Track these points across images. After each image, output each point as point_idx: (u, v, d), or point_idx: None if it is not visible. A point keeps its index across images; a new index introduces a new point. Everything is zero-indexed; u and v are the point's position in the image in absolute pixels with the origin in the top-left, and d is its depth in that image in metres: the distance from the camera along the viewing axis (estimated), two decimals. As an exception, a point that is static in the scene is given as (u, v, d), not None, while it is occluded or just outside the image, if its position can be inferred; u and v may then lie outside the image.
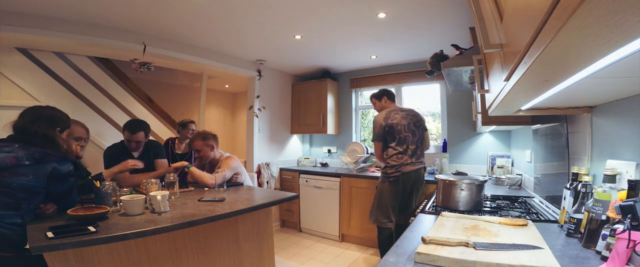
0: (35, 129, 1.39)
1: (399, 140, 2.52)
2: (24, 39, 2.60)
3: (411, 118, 2.61)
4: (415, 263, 0.88)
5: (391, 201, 2.51)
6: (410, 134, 2.54)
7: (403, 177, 2.48)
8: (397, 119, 2.56)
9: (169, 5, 2.22)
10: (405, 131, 2.53)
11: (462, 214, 1.39)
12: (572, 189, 1.16)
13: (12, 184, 1.26)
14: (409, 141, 2.53)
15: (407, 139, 2.52)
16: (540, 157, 1.96)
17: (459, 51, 1.95)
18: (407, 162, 2.49)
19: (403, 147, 2.51)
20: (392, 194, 2.50)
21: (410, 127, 2.56)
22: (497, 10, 0.78)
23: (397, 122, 2.54)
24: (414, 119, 2.62)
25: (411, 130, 2.56)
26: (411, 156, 2.52)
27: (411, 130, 2.56)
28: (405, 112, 2.62)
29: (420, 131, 2.63)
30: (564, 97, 1.00)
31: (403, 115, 2.58)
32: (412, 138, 2.55)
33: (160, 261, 1.53)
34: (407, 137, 2.53)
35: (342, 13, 2.38)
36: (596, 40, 0.42)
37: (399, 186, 2.49)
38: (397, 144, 2.53)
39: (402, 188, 2.50)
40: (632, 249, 0.71)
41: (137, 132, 2.17)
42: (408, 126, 2.55)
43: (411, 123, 2.58)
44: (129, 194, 1.67)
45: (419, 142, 2.60)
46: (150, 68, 2.93)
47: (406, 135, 2.53)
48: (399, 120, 2.55)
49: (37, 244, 1.07)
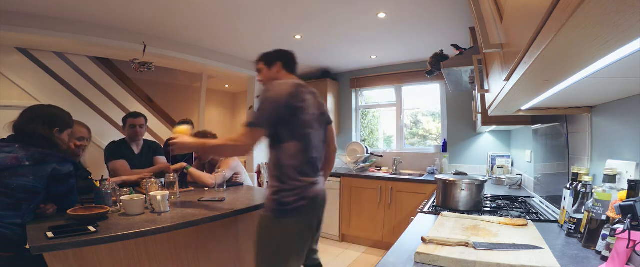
0: (31, 129, 1.39)
1: (305, 138, 1.39)
2: (24, 39, 2.60)
3: (319, 105, 1.53)
4: (415, 263, 0.88)
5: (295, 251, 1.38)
6: (318, 132, 1.49)
7: (311, 206, 1.39)
8: (308, 101, 1.43)
9: (169, 5, 2.22)
10: (315, 123, 1.46)
11: (462, 214, 1.39)
12: (572, 189, 1.16)
13: (12, 184, 1.26)
14: (316, 142, 1.46)
15: (313, 137, 1.43)
16: (540, 157, 1.96)
17: (459, 51, 1.95)
18: (314, 180, 1.42)
19: (310, 151, 1.41)
20: (295, 239, 1.37)
21: (318, 120, 1.50)
22: (497, 10, 0.78)
23: (305, 107, 1.39)
24: (321, 108, 1.55)
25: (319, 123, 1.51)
26: (317, 169, 1.47)
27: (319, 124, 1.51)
28: (313, 96, 1.51)
29: (325, 127, 1.59)
30: (564, 97, 1.00)
31: (312, 99, 1.49)
32: (320, 137, 1.51)
33: (160, 261, 1.53)
34: (315, 135, 1.45)
35: (342, 13, 2.38)
36: (596, 40, 0.42)
37: (305, 223, 1.39)
38: (301, 145, 1.38)
39: (310, 224, 1.42)
40: (632, 249, 0.71)
41: (139, 117, 2.32)
42: (316, 119, 1.48)
43: (318, 113, 1.51)
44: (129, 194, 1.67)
45: (323, 145, 1.56)
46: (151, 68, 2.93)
47: (314, 132, 1.44)
48: (310, 104, 1.44)
49: (37, 244, 1.07)
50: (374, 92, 4.30)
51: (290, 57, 1.57)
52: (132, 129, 2.28)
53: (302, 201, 1.35)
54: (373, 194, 3.31)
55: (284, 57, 1.56)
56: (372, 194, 3.32)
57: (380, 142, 4.28)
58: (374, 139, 4.33)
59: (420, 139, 4.02)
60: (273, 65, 1.54)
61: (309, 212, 1.39)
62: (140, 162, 2.27)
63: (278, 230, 1.35)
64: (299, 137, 1.38)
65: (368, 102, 4.34)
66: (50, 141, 1.41)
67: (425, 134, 4.00)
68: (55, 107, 1.54)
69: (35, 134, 1.38)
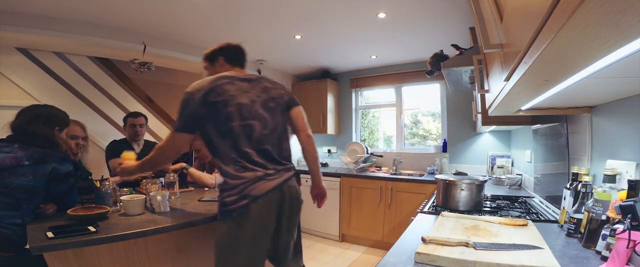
0: (33, 129, 1.39)
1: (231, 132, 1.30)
2: (24, 39, 2.60)
3: (260, 94, 1.40)
4: (415, 263, 0.88)
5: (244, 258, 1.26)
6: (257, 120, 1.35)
7: (256, 208, 1.25)
8: (227, 93, 1.31)
9: (169, 5, 2.22)
10: (241, 118, 1.31)
11: (462, 214, 1.39)
12: (572, 189, 1.16)
13: (12, 184, 1.26)
14: (251, 132, 1.32)
15: (253, 128, 1.33)
16: (540, 157, 1.96)
17: (459, 51, 1.95)
18: (261, 174, 1.29)
19: (243, 144, 1.30)
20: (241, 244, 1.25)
21: (257, 109, 1.36)
22: (497, 10, 0.78)
23: (224, 100, 1.30)
24: (267, 93, 1.42)
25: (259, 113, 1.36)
26: (269, 161, 1.34)
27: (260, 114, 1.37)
28: (248, 83, 1.40)
29: (283, 116, 1.46)
30: (564, 97, 1.00)
31: (242, 88, 1.36)
32: (268, 126, 1.37)
33: (160, 261, 1.53)
34: (255, 125, 1.33)
35: (342, 13, 2.38)
36: (596, 40, 0.42)
37: (251, 227, 1.25)
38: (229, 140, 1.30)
39: (255, 229, 1.26)
40: (632, 249, 0.71)
41: (139, 116, 2.36)
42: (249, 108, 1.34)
43: (260, 101, 1.38)
44: (129, 194, 1.67)
45: (281, 135, 1.43)
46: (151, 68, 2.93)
47: (252, 122, 1.33)
48: (230, 96, 1.31)
49: (37, 244, 1.07)
50: (374, 92, 4.30)
51: (232, 50, 1.51)
52: (133, 129, 2.30)
53: (243, 200, 1.24)
54: (373, 194, 3.31)
55: (225, 50, 1.50)
56: (372, 194, 3.32)
57: (380, 142, 4.28)
58: (374, 139, 4.33)
59: (420, 139, 4.02)
60: (216, 61, 1.50)
61: (260, 212, 1.25)
62: None
63: (223, 234, 1.27)
64: (224, 133, 1.31)
65: (368, 102, 4.34)
66: (52, 140, 1.42)
67: (425, 134, 4.00)
68: (52, 107, 1.54)
69: (37, 134, 1.39)
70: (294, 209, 1.41)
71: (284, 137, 1.46)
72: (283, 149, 1.43)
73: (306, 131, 1.50)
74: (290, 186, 1.38)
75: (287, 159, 1.45)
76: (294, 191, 1.41)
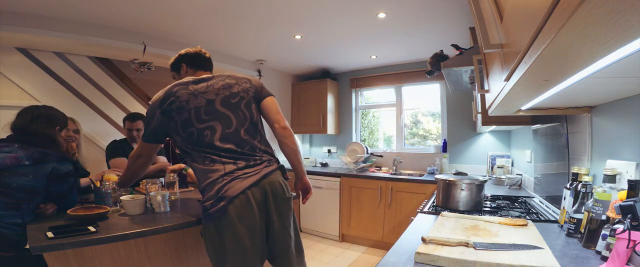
0: (34, 129, 1.40)
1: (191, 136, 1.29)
2: (24, 39, 2.60)
3: (219, 92, 1.36)
4: (415, 263, 0.88)
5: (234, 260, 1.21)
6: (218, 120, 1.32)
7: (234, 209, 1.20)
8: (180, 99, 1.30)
9: (169, 5, 2.22)
10: (208, 114, 1.31)
11: (462, 214, 1.39)
12: (572, 189, 1.16)
13: (12, 184, 1.26)
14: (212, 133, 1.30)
15: (215, 129, 1.30)
16: (540, 157, 1.96)
17: (459, 51, 1.95)
18: (233, 172, 1.25)
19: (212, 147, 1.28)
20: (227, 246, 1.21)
21: (217, 107, 1.33)
22: (497, 10, 0.78)
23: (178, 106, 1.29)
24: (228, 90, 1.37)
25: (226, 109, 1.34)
26: (240, 159, 1.30)
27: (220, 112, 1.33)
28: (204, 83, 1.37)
29: (249, 109, 1.39)
30: (564, 97, 1.00)
31: (202, 87, 1.35)
32: (234, 123, 1.34)
33: (160, 261, 1.53)
34: (215, 126, 1.31)
35: (342, 13, 2.38)
36: (596, 40, 0.42)
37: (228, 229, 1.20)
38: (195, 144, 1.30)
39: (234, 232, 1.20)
40: (632, 249, 0.71)
41: (137, 120, 2.32)
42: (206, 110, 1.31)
43: (219, 100, 1.34)
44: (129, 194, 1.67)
45: (248, 129, 1.36)
46: (151, 68, 2.93)
47: (212, 123, 1.30)
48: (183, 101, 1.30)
49: (37, 244, 1.07)
50: (374, 92, 4.30)
51: (192, 56, 1.50)
52: (130, 133, 2.32)
53: (220, 202, 1.19)
54: (373, 194, 3.31)
55: (184, 57, 1.50)
56: (372, 194, 3.32)
57: (380, 142, 4.28)
58: (374, 139, 4.33)
59: (420, 139, 4.02)
60: (180, 69, 1.51)
61: (239, 212, 1.20)
62: None
63: (209, 239, 1.25)
64: (186, 138, 1.31)
65: (368, 102, 4.34)
66: (54, 139, 1.42)
67: (425, 134, 4.00)
68: (52, 108, 1.55)
69: (39, 134, 1.39)
70: (281, 205, 1.32)
71: (254, 131, 1.39)
72: (255, 142, 1.37)
73: (281, 123, 1.43)
74: (271, 181, 1.30)
75: (265, 153, 1.39)
76: (277, 185, 1.32)
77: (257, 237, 1.25)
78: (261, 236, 1.27)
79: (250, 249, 1.23)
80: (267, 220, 1.30)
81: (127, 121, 2.33)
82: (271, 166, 1.35)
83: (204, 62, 1.51)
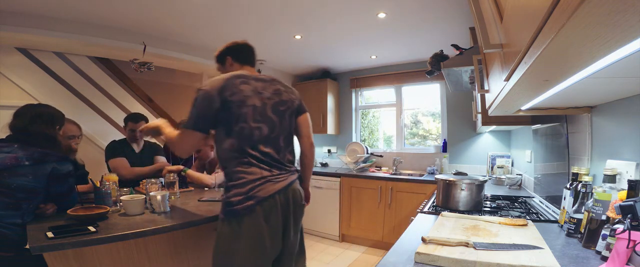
0: (35, 129, 1.39)
1: (241, 133, 1.28)
2: (24, 39, 2.60)
3: (272, 96, 1.38)
4: (415, 263, 0.88)
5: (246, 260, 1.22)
6: (266, 123, 1.34)
7: (264, 208, 1.24)
8: (242, 92, 1.30)
9: (169, 5, 2.22)
10: (253, 120, 1.30)
11: (462, 214, 1.39)
12: (572, 189, 1.16)
13: (12, 184, 1.26)
14: (259, 135, 1.31)
15: (262, 131, 1.32)
16: (540, 157, 1.96)
17: (459, 51, 1.95)
18: (268, 175, 1.29)
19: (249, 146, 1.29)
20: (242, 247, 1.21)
21: (267, 112, 1.35)
22: (497, 10, 0.78)
23: (239, 100, 1.28)
24: (279, 97, 1.41)
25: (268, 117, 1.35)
26: (274, 163, 1.33)
27: (269, 117, 1.35)
28: (264, 83, 1.40)
29: (290, 120, 1.45)
30: (563, 97, 1.00)
31: (257, 89, 1.35)
32: (277, 130, 1.37)
33: (160, 261, 1.53)
34: (263, 128, 1.32)
35: (342, 13, 2.38)
36: (596, 40, 0.42)
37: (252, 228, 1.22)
38: (237, 140, 1.28)
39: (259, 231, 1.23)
40: (632, 249, 0.71)
41: (139, 121, 2.31)
42: (261, 111, 1.33)
43: (271, 105, 1.37)
44: (129, 194, 1.67)
45: (286, 138, 1.42)
46: (151, 68, 2.93)
47: (254, 126, 1.30)
48: (245, 96, 1.30)
49: (37, 244, 1.07)
50: (374, 92, 4.30)
51: (239, 48, 1.50)
52: (132, 133, 2.30)
53: (249, 200, 1.21)
54: (373, 194, 3.31)
55: (232, 49, 1.50)
56: (372, 194, 3.32)
57: (380, 142, 4.28)
58: (374, 139, 4.33)
59: (420, 139, 4.02)
60: (225, 61, 1.50)
61: (265, 213, 1.23)
62: (140, 161, 2.29)
63: (225, 234, 1.23)
64: (232, 132, 1.28)
65: (368, 102, 4.34)
66: (54, 139, 1.42)
67: (425, 134, 4.00)
68: (49, 106, 1.54)
69: (40, 134, 1.39)
70: (297, 212, 1.39)
71: (290, 141, 1.45)
72: (287, 152, 1.42)
73: (310, 139, 1.53)
74: (294, 189, 1.36)
75: (291, 162, 1.44)
76: (298, 194, 1.39)
77: (276, 238, 1.28)
78: (278, 238, 1.30)
79: (269, 249, 1.26)
80: (285, 224, 1.32)
81: (130, 122, 2.31)
82: (294, 175, 1.41)
83: (251, 56, 1.52)
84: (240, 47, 1.51)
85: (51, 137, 1.41)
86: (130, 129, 2.30)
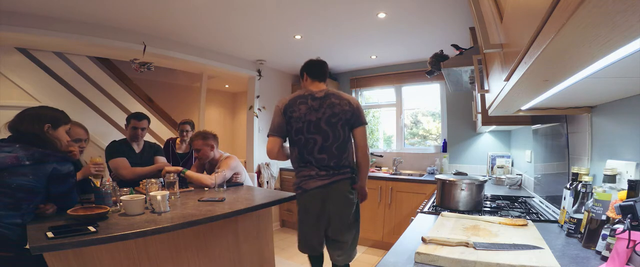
0: (24, 129, 1.40)
1: (297, 142, 1.80)
2: (24, 39, 2.60)
3: (326, 110, 1.76)
4: (416, 263, 0.88)
5: (300, 224, 1.86)
6: (320, 135, 1.76)
7: (305, 197, 1.80)
8: (300, 111, 1.78)
9: (169, 5, 2.22)
10: (307, 132, 1.77)
11: (462, 214, 1.38)
12: (572, 189, 1.16)
13: (12, 184, 1.26)
14: (314, 144, 1.77)
15: (309, 142, 1.77)
16: (540, 157, 1.96)
17: (459, 51, 1.95)
18: (308, 174, 1.78)
19: (302, 152, 1.80)
20: (299, 215, 1.86)
21: (321, 125, 1.76)
22: (497, 10, 0.78)
23: (297, 116, 1.77)
24: (332, 110, 1.77)
25: (322, 129, 1.76)
26: (323, 166, 1.76)
27: (323, 129, 1.76)
28: (319, 101, 1.79)
29: (343, 130, 1.79)
30: (564, 97, 1.00)
31: (313, 107, 1.78)
32: (323, 141, 1.76)
33: (160, 261, 1.53)
34: (312, 139, 1.77)
35: (342, 13, 2.38)
36: (596, 40, 0.42)
37: (302, 207, 1.83)
38: (295, 147, 1.83)
39: (306, 211, 1.81)
40: (632, 249, 0.71)
41: (143, 120, 2.34)
42: (315, 124, 1.76)
43: (325, 118, 1.76)
44: (129, 194, 1.67)
45: (340, 146, 1.78)
46: (150, 68, 2.93)
47: (309, 137, 1.77)
48: (302, 114, 1.77)
49: (37, 244, 1.07)
50: (374, 92, 4.30)
51: (311, 66, 1.89)
52: (134, 131, 2.29)
53: (298, 190, 1.82)
54: (373, 194, 3.31)
55: (306, 67, 1.90)
56: (372, 194, 3.31)
57: (380, 142, 4.28)
58: (374, 139, 4.33)
59: (420, 139, 4.02)
60: (303, 76, 1.91)
61: (305, 199, 1.80)
62: (140, 161, 2.28)
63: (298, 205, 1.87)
64: (294, 141, 1.82)
65: (368, 102, 4.34)
66: (41, 137, 1.40)
67: (425, 134, 4.00)
68: (45, 107, 1.54)
69: (28, 133, 1.38)
70: (340, 206, 1.77)
71: (344, 148, 1.80)
72: (342, 158, 1.79)
73: (364, 149, 1.85)
74: (336, 187, 1.76)
75: (346, 166, 1.80)
76: (341, 191, 1.77)
77: (317, 221, 1.79)
78: (319, 218, 1.79)
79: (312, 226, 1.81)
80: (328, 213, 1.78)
81: (134, 120, 2.29)
82: (342, 176, 1.78)
83: (320, 72, 1.89)
84: (313, 64, 1.90)
85: (36, 135, 1.40)
86: (133, 126, 2.29)
